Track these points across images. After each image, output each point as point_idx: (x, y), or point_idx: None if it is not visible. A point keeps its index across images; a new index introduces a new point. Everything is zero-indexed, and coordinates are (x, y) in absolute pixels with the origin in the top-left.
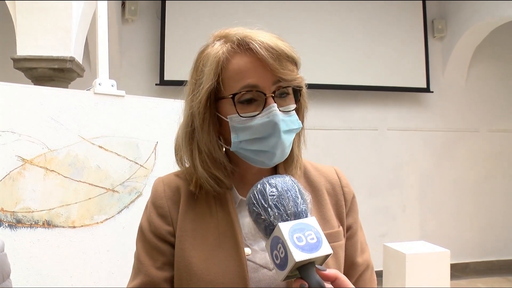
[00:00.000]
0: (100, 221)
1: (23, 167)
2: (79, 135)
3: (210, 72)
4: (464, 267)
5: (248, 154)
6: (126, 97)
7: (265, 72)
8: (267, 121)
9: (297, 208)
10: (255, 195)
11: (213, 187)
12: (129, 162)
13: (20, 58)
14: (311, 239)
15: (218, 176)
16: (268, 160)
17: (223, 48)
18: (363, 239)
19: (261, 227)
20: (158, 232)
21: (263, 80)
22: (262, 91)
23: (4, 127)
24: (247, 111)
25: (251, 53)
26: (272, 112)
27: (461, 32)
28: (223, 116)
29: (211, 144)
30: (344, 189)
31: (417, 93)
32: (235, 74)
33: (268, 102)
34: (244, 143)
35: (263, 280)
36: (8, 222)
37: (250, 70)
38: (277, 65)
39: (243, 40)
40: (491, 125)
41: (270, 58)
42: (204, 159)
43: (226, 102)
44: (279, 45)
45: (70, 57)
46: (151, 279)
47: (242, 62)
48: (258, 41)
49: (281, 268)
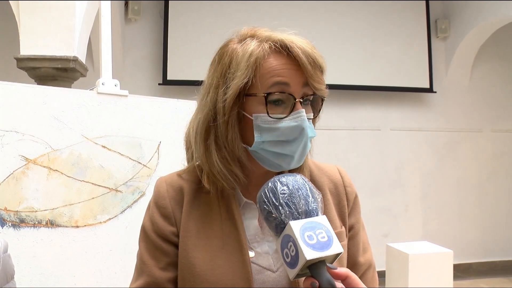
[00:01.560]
0: (103, 220)
1: (26, 166)
2: (82, 135)
3: (246, 67)
4: (467, 267)
5: (268, 156)
6: (129, 96)
7: (297, 75)
8: (295, 125)
9: (308, 207)
10: (266, 193)
11: (229, 184)
12: (132, 162)
13: (24, 58)
14: (322, 238)
15: (236, 172)
16: (286, 164)
17: (261, 46)
18: (365, 239)
19: (272, 225)
20: (162, 233)
21: (295, 82)
22: (292, 93)
23: (7, 126)
24: (275, 112)
25: (289, 56)
26: (301, 117)
27: (464, 32)
28: (248, 114)
29: (234, 142)
30: (347, 188)
31: (420, 93)
32: (268, 72)
33: (296, 107)
34: (266, 144)
35: (266, 282)
36: (12, 221)
37: (284, 70)
38: (312, 72)
39: (283, 42)
40: (494, 125)
41: (308, 64)
42: (224, 156)
43: (254, 100)
44: (314, 53)
45: (73, 57)
46: (155, 279)
47: (278, 62)
48: (299, 46)
49: (291, 267)
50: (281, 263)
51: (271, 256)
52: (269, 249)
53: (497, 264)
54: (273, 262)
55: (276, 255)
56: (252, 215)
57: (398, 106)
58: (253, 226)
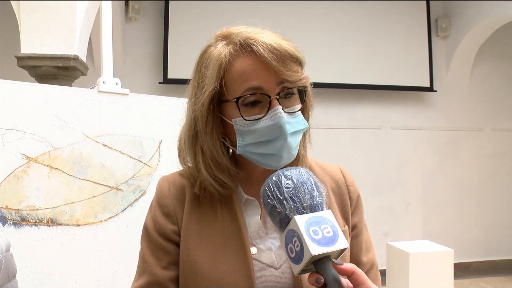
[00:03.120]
0: (104, 219)
1: (27, 165)
2: (83, 133)
3: (212, 76)
4: (468, 266)
5: (255, 157)
6: (130, 95)
7: (268, 73)
8: (272, 124)
9: (313, 201)
10: (271, 187)
11: (217, 190)
12: (133, 161)
13: (24, 56)
14: (327, 233)
15: (222, 179)
16: (276, 163)
17: (225, 51)
18: (368, 238)
19: (276, 220)
20: (163, 232)
21: (267, 82)
22: (266, 93)
23: (8, 125)
24: (251, 114)
25: (254, 55)
26: (277, 115)
27: (465, 31)
28: (227, 119)
29: (214, 148)
30: (349, 188)
31: (421, 92)
32: (238, 76)
33: (272, 104)
34: (249, 146)
35: (269, 279)
36: (13, 220)
37: (253, 72)
38: (281, 67)
39: (245, 42)
40: (495, 124)
41: (273, 60)
42: (208, 162)
43: (229, 105)
44: (282, 45)
45: (74, 55)
46: (157, 278)
47: (245, 64)
48: (261, 43)
49: (296, 262)
50: (284, 259)
51: (274, 252)
52: (272, 246)
53: (498, 263)
54: (276, 259)
55: (279, 252)
56: (254, 211)
57: (398, 105)
58: (255, 223)
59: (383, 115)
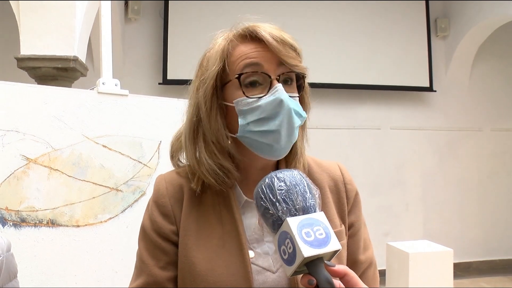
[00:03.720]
0: (104, 220)
1: (27, 166)
2: (82, 134)
3: (215, 58)
4: (467, 266)
5: (255, 137)
6: (129, 96)
7: (269, 55)
8: (273, 99)
9: (306, 203)
10: (263, 189)
11: (220, 179)
12: (132, 161)
13: (24, 58)
14: (320, 235)
15: (227, 166)
16: (275, 142)
17: (228, 37)
18: (367, 237)
19: (269, 222)
20: (161, 232)
21: (267, 61)
22: (266, 72)
23: (8, 126)
24: (253, 94)
25: (256, 40)
26: (279, 91)
27: (464, 31)
28: (229, 103)
29: (219, 132)
30: (347, 186)
31: (420, 92)
32: (239, 56)
33: (273, 83)
34: (251, 125)
35: (266, 283)
36: (13, 221)
37: (254, 51)
38: (281, 49)
39: (247, 29)
40: (495, 124)
41: (274, 43)
42: (212, 150)
43: (232, 86)
44: (282, 34)
45: (73, 56)
46: (155, 279)
47: (247, 48)
48: (263, 29)
49: (289, 264)
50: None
51: (271, 256)
52: (269, 250)
53: (498, 263)
54: (273, 263)
55: (276, 256)
56: (253, 214)
57: (398, 105)
58: (254, 226)
59: (383, 115)
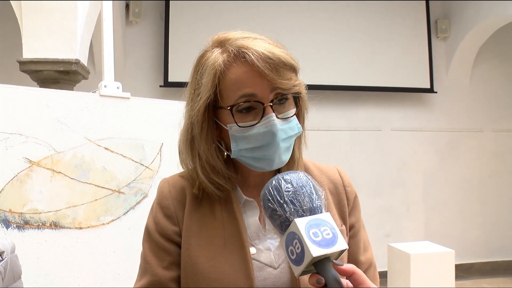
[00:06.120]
0: (106, 222)
1: (30, 168)
2: (85, 137)
3: (207, 84)
4: (469, 267)
5: (249, 161)
6: (131, 99)
7: (262, 81)
8: (265, 131)
9: (313, 204)
10: (271, 191)
11: (214, 191)
12: (134, 164)
13: (26, 61)
14: (327, 235)
15: (218, 181)
16: (268, 166)
17: (219, 59)
18: (366, 238)
19: (277, 223)
20: (165, 233)
21: (261, 89)
22: (260, 100)
23: (11, 129)
24: (245, 120)
25: (248, 64)
26: (271, 122)
27: (464, 32)
28: (223, 124)
29: (209, 152)
30: (346, 188)
31: (421, 93)
32: (232, 84)
33: (266, 112)
34: (244, 151)
35: (268, 279)
36: (16, 223)
37: (247, 80)
38: (275, 75)
39: (238, 52)
40: (495, 124)
41: (266, 69)
42: (204, 166)
43: (224, 112)
44: (276, 53)
45: (75, 59)
46: (158, 278)
47: (239, 72)
48: (254, 52)
49: (297, 264)
50: (283, 259)
51: (273, 252)
52: (270, 246)
53: (500, 264)
54: (275, 259)
55: (277, 252)
56: (253, 212)
57: (398, 106)
58: (254, 224)
59: (384, 116)
